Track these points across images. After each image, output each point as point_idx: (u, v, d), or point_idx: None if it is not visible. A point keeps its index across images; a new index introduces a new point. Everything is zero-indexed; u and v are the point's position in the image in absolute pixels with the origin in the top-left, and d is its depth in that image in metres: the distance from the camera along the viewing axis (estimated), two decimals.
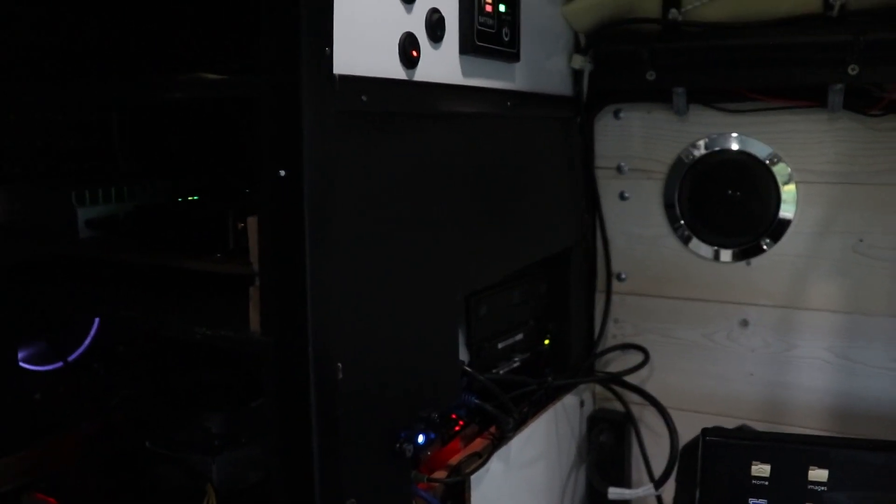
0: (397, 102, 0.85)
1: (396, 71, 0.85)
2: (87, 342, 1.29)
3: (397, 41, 0.85)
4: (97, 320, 1.23)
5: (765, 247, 1.31)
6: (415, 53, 0.87)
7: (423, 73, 0.89)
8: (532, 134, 1.18)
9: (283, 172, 0.73)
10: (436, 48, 0.92)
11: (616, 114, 1.38)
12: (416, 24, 0.88)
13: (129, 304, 0.94)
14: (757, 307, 1.33)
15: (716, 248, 1.35)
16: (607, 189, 1.41)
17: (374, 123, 0.82)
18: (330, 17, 0.74)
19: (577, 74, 1.31)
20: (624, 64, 1.28)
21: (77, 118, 1.24)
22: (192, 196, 1.10)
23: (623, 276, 1.42)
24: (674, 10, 1.22)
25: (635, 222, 1.40)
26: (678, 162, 1.35)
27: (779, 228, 1.30)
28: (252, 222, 0.79)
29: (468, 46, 0.97)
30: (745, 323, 1.35)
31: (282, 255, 0.75)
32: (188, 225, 0.96)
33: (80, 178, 1.12)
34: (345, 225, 0.78)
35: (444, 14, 0.92)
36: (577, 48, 1.31)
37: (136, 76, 1.13)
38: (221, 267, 0.87)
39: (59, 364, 1.25)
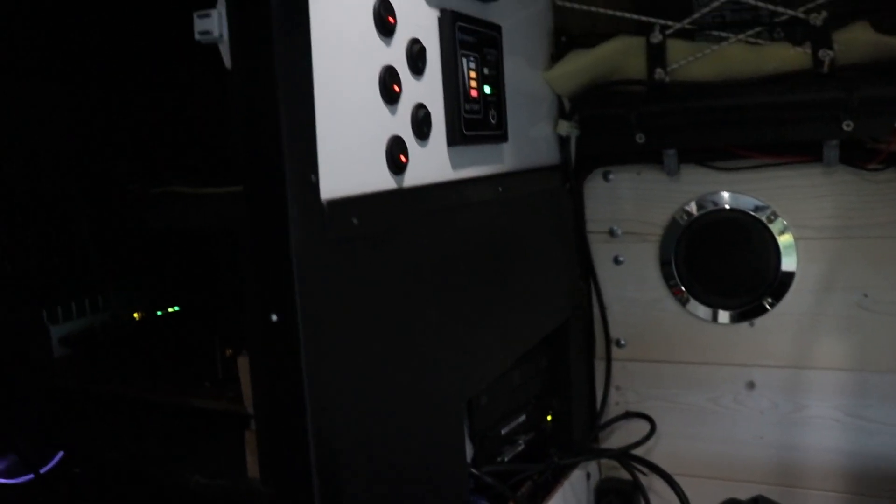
0: (389, 216, 0.79)
1: (385, 181, 0.79)
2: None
3: (384, 148, 0.79)
4: None
5: (767, 306, 1.27)
6: (403, 158, 0.81)
7: (412, 176, 0.83)
8: (523, 211, 1.12)
9: (274, 317, 0.67)
10: (423, 146, 0.86)
11: (605, 176, 1.33)
12: (401, 124, 0.82)
13: (110, 442, 0.86)
14: (763, 368, 1.29)
15: (716, 309, 1.30)
16: (601, 254, 1.36)
17: (367, 241, 0.76)
18: (313, 138, 0.68)
19: (563, 140, 1.26)
20: (612, 127, 1.23)
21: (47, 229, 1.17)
22: (171, 306, 1.03)
23: (622, 342, 1.37)
24: (659, 70, 1.18)
25: (631, 286, 1.35)
26: (672, 223, 1.30)
27: (780, 287, 1.25)
28: (243, 363, 0.72)
29: (456, 138, 0.91)
30: (751, 385, 1.30)
31: (279, 401, 0.69)
32: (171, 347, 0.90)
33: (50, 290, 1.04)
34: (342, 354, 0.72)
35: (429, 108, 0.86)
36: (562, 113, 1.26)
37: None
38: (212, 404, 0.80)
39: (31, 476, 1.17)
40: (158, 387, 0.86)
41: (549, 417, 1.31)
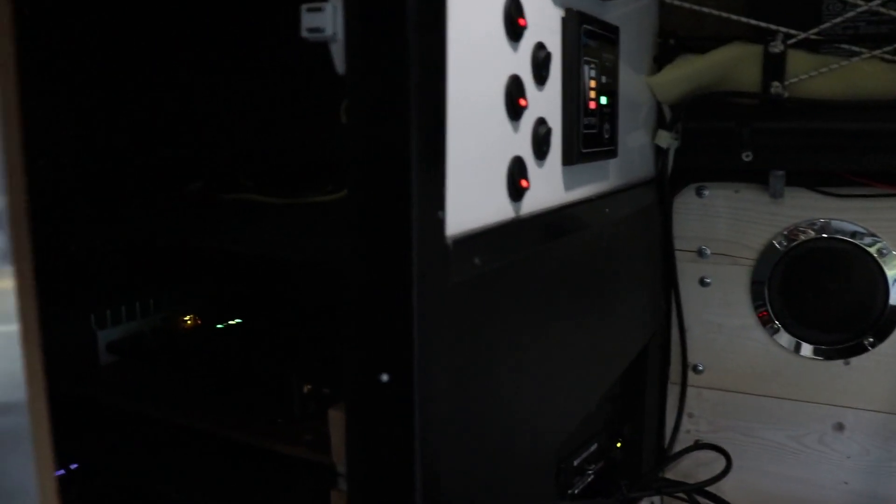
0: (507, 251, 0.69)
1: (505, 210, 0.69)
2: None
3: (505, 171, 0.69)
4: None
5: (868, 345, 1.16)
6: (524, 183, 0.71)
7: (529, 203, 0.73)
8: (622, 232, 1.02)
9: (385, 377, 0.57)
10: (541, 167, 0.76)
11: (699, 192, 1.22)
12: (523, 144, 0.72)
13: (164, 479, 0.77)
14: (855, 410, 1.19)
15: (809, 343, 1.20)
16: (686, 273, 1.25)
17: (484, 282, 0.66)
18: (442, 164, 0.58)
19: (659, 152, 1.15)
20: (717, 142, 1.12)
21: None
22: (232, 318, 0.94)
23: (700, 367, 1.28)
24: (776, 84, 1.06)
25: (716, 310, 1.25)
26: (770, 248, 1.19)
27: (885, 325, 1.15)
28: (337, 418, 0.63)
29: (573, 156, 0.81)
30: (840, 427, 1.20)
31: (382, 468, 0.59)
32: (231, 368, 0.80)
33: (99, 292, 0.95)
34: (453, 412, 0.62)
35: (549, 124, 0.76)
36: (661, 122, 1.15)
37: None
38: (286, 448, 0.70)
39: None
40: (212, 415, 0.76)
41: (618, 444, 1.22)
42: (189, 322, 0.96)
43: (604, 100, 0.87)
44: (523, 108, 0.70)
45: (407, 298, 0.55)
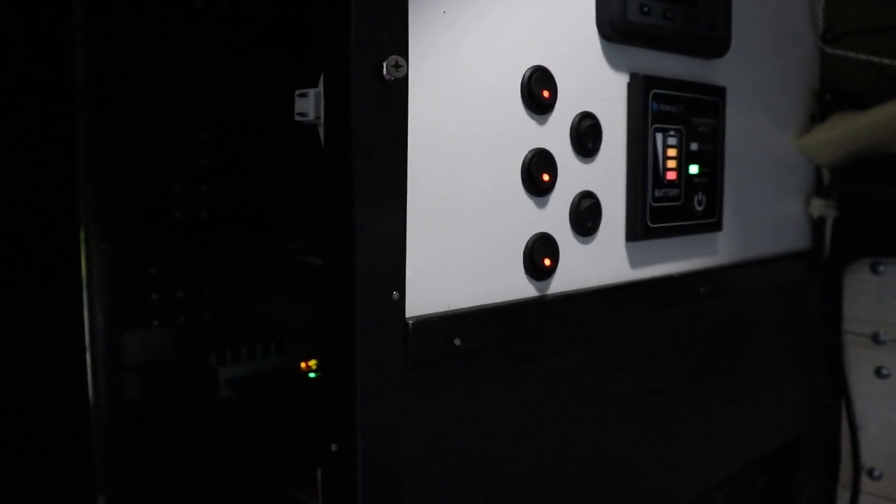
0: (518, 331, 0.65)
1: (518, 288, 0.65)
2: None
3: (521, 249, 0.66)
4: None
5: None
6: (547, 262, 0.67)
7: (562, 281, 0.69)
8: (740, 310, 0.91)
9: (334, 447, 0.58)
10: (586, 243, 0.71)
11: (874, 268, 1.05)
12: (553, 219, 0.68)
13: None
14: None
15: None
16: (858, 362, 1.08)
17: (481, 362, 0.63)
18: (400, 246, 0.57)
19: (816, 223, 1.01)
20: (885, 211, 0.96)
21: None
22: None
23: (877, 473, 1.08)
24: None
25: None
26: None
27: None
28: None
29: (637, 232, 0.74)
30: None
31: None
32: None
33: (221, 335, 1.05)
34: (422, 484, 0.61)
35: (599, 198, 0.71)
36: (819, 189, 1.01)
37: None
38: None
39: None
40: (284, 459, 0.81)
41: None
42: (305, 366, 1.03)
43: (694, 169, 0.79)
44: (549, 184, 0.66)
45: (350, 374, 0.55)
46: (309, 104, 0.58)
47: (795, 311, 1.01)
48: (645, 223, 0.74)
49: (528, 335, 0.66)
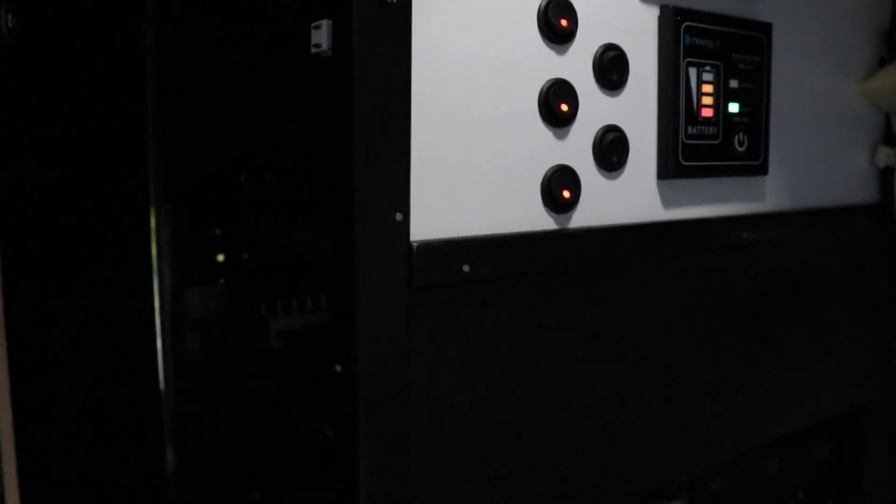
0: (535, 262, 0.64)
1: (535, 219, 0.65)
2: None
3: (539, 181, 0.65)
4: None
5: None
6: (567, 195, 0.66)
7: (586, 214, 0.67)
8: (789, 262, 0.87)
9: (339, 368, 0.59)
10: (612, 178, 0.69)
11: None
12: (573, 151, 0.66)
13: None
14: None
15: None
16: None
17: (483, 290, 0.62)
18: (404, 166, 0.57)
19: (883, 173, 0.95)
20: None
21: None
22: None
23: None
24: None
25: None
26: None
27: None
28: None
29: (668, 169, 0.72)
30: None
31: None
32: None
33: (272, 286, 1.08)
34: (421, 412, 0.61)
35: (626, 132, 0.69)
36: (888, 138, 0.95)
37: None
38: None
39: None
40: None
41: None
42: None
43: (734, 107, 0.76)
44: (569, 114, 0.65)
45: (350, 294, 0.56)
46: (322, 35, 0.59)
47: (861, 268, 0.95)
48: (677, 161, 0.72)
49: (544, 269, 0.65)
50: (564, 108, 0.65)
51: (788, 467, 0.97)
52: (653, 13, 0.71)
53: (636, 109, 0.70)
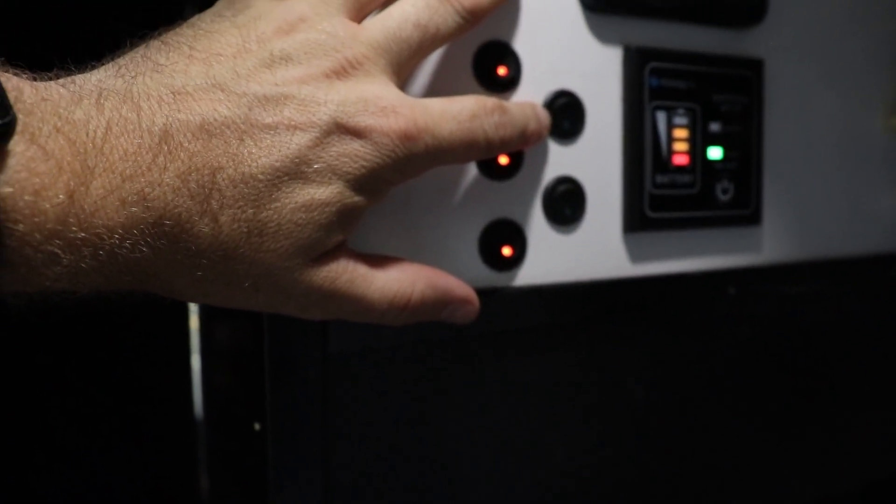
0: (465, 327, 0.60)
1: (472, 279, 0.61)
2: None
3: (477, 235, 0.61)
4: None
5: None
6: (508, 252, 0.61)
7: (533, 272, 0.63)
8: (807, 317, 0.79)
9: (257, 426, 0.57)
10: (566, 232, 0.65)
11: None
12: (518, 206, 0.62)
13: None
14: None
15: None
16: None
17: (426, 357, 0.59)
18: None
19: None
20: None
21: None
22: None
23: None
24: None
25: None
26: None
27: None
28: None
29: (634, 221, 0.67)
30: None
31: None
32: None
33: None
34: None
35: (582, 183, 0.64)
36: None
37: None
38: None
39: None
40: None
41: None
42: None
43: (714, 153, 0.70)
44: (510, 167, 0.61)
45: (261, 361, 0.54)
46: None
47: (884, 324, 0.86)
48: (642, 213, 0.66)
49: (481, 332, 0.61)
50: (504, 161, 0.61)
51: None
52: (618, 55, 0.66)
53: (597, 159, 0.65)
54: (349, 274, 0.48)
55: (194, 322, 0.87)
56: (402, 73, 0.50)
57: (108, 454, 1.02)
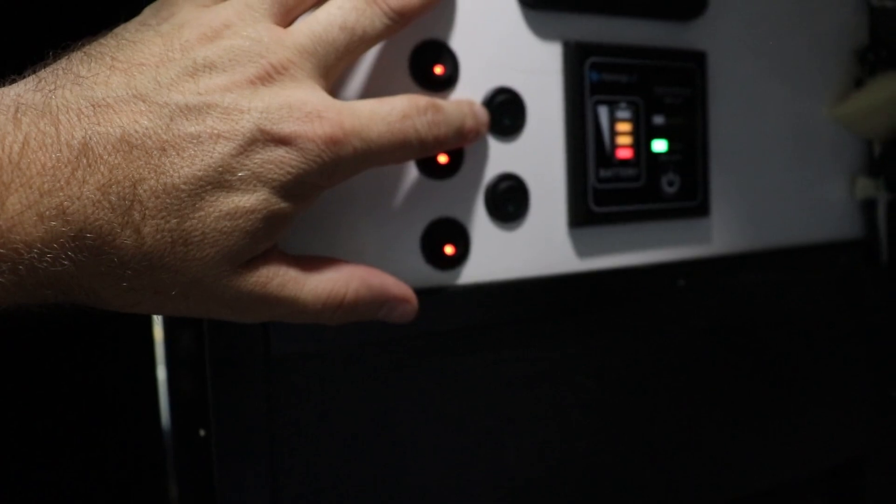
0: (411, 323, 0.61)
1: (415, 279, 0.61)
2: None
3: (419, 235, 0.61)
4: None
5: None
6: (450, 250, 0.61)
7: (477, 271, 0.63)
8: (758, 306, 0.80)
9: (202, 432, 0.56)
10: (510, 229, 0.65)
11: None
12: (459, 204, 0.62)
13: None
14: None
15: None
16: None
17: (371, 358, 0.59)
18: None
19: (867, 206, 0.86)
20: None
21: None
22: None
23: None
24: None
25: None
26: None
27: None
28: None
29: (579, 217, 0.67)
30: None
31: None
32: None
33: None
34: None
35: (525, 179, 0.64)
36: (872, 166, 0.86)
37: None
38: None
39: None
40: None
41: None
42: None
43: (659, 145, 0.70)
44: (450, 166, 0.61)
45: (204, 364, 0.54)
46: None
47: (846, 311, 0.86)
48: (587, 207, 0.67)
49: (425, 332, 0.61)
50: (443, 159, 0.61)
51: None
52: (558, 50, 0.66)
53: (539, 155, 0.65)
54: (280, 278, 0.48)
55: (158, 332, 0.86)
56: (329, 77, 0.50)
57: (76, 467, 1.01)
